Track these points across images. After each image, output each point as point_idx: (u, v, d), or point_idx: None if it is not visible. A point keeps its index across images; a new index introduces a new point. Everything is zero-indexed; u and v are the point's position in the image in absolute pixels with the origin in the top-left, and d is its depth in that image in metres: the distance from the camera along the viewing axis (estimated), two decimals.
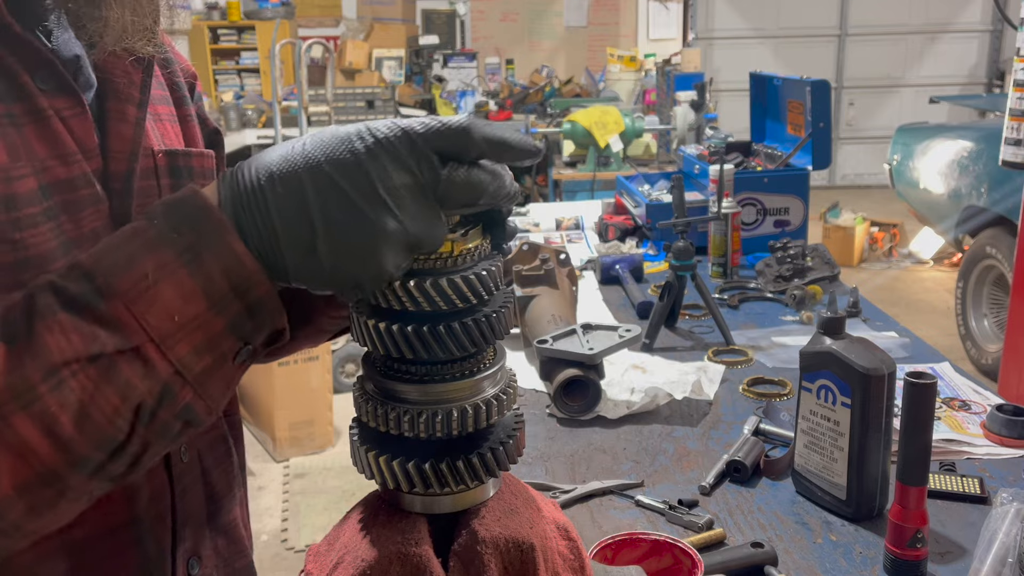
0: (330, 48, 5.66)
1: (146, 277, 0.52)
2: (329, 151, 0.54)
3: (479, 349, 0.60)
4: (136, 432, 0.53)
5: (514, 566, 0.61)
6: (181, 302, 0.52)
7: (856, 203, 7.59)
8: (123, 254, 0.53)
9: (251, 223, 0.54)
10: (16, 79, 0.65)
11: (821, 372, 1.23)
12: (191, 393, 0.54)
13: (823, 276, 2.35)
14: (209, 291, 0.53)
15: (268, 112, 6.87)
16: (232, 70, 8.46)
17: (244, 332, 0.55)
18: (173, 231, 0.53)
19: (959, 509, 1.24)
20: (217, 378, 0.56)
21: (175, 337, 0.53)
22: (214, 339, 0.54)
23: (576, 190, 4.66)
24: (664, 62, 6.12)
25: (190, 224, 0.53)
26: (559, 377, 1.57)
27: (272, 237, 0.54)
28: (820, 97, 2.64)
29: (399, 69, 8.07)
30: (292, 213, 0.53)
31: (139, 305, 0.52)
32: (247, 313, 0.55)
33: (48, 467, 0.52)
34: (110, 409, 0.52)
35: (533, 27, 9.33)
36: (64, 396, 0.51)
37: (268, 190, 0.53)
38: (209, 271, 0.53)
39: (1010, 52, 6.23)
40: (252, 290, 0.54)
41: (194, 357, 0.53)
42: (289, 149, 0.55)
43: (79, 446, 0.52)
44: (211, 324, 0.54)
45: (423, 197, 0.54)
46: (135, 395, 0.52)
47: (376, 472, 0.61)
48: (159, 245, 0.53)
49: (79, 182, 0.68)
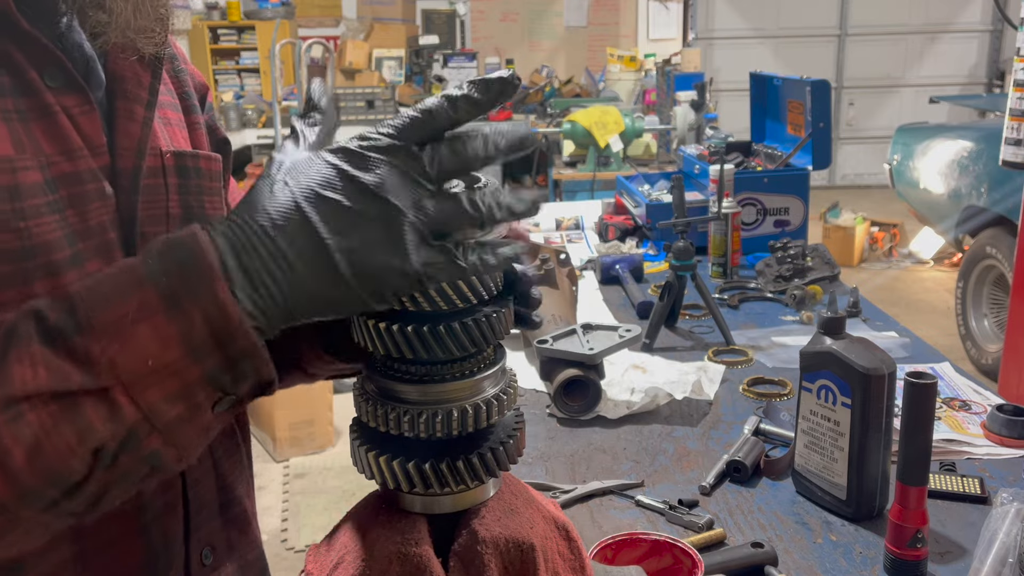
0: (330, 48, 5.66)
1: (126, 316, 0.51)
2: (312, 175, 0.53)
3: (479, 349, 0.60)
4: (94, 474, 0.52)
5: (514, 566, 0.61)
6: (157, 346, 0.51)
7: (856, 203, 7.59)
8: (110, 288, 0.52)
9: (260, 264, 0.52)
10: (24, 75, 0.65)
11: (821, 372, 1.23)
12: (159, 440, 0.52)
13: (823, 276, 2.35)
14: (188, 338, 0.51)
15: (268, 112, 6.87)
16: (232, 70, 8.46)
17: (223, 383, 0.53)
18: (162, 273, 0.52)
19: (959, 509, 1.24)
20: (190, 427, 0.53)
21: (146, 382, 0.51)
22: (189, 388, 0.52)
23: (576, 190, 4.66)
24: (664, 62, 6.12)
25: (179, 267, 0.52)
26: (559, 377, 1.57)
27: (288, 272, 0.52)
28: (820, 97, 2.64)
29: (399, 69, 8.07)
30: (304, 242, 0.52)
31: (114, 345, 0.51)
32: (228, 364, 0.52)
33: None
34: (65, 448, 0.50)
35: (533, 27, 9.33)
36: (19, 430, 0.50)
37: (270, 228, 0.52)
38: (190, 317, 0.51)
39: (1010, 52, 6.23)
40: (234, 341, 0.52)
41: (165, 404, 0.52)
42: (272, 190, 0.54)
43: (29, 481, 0.51)
44: (187, 372, 0.52)
45: (420, 183, 0.53)
46: (95, 437, 0.51)
47: (376, 472, 0.61)
48: (145, 284, 0.52)
49: (85, 177, 0.68)
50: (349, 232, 0.52)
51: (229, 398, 0.54)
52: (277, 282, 0.53)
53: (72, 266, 0.67)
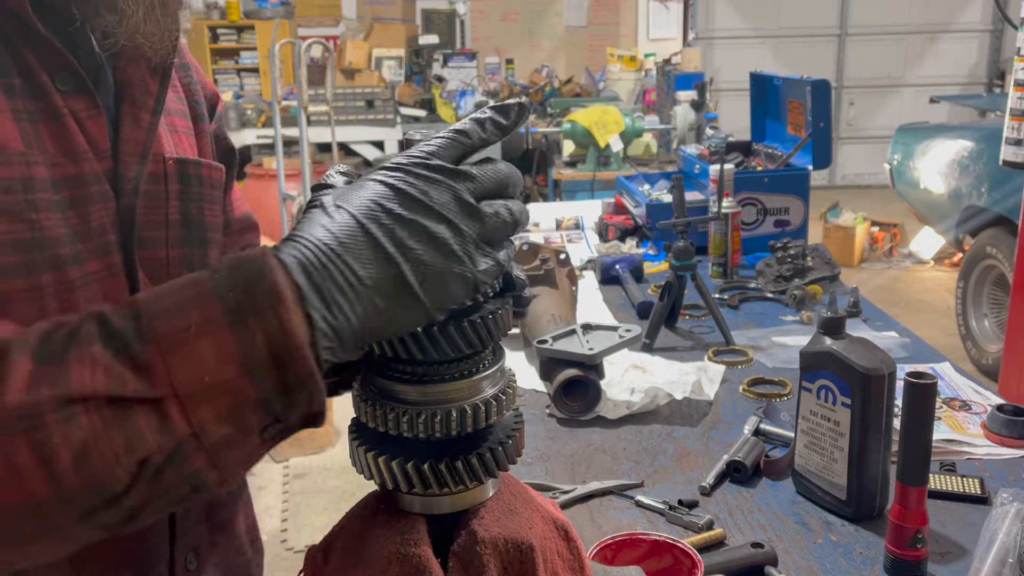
0: (330, 48, 5.66)
1: (188, 329, 0.50)
2: (367, 195, 0.54)
3: (478, 350, 0.60)
4: (137, 486, 0.51)
5: (513, 566, 0.61)
6: (216, 362, 0.50)
7: (856, 203, 7.60)
8: (176, 301, 0.52)
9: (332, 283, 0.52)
10: (36, 78, 0.67)
11: (821, 372, 1.23)
12: (204, 459, 0.51)
13: (823, 276, 2.35)
14: (247, 357, 0.50)
15: (268, 112, 6.87)
16: (231, 70, 8.46)
17: (275, 408, 0.52)
18: (229, 288, 0.51)
19: (959, 509, 1.24)
20: (236, 450, 0.52)
21: (200, 397, 0.50)
22: (241, 409, 0.51)
23: (576, 190, 4.66)
24: (664, 62, 6.12)
25: (245, 284, 0.51)
26: (559, 377, 1.57)
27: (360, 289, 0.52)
28: (820, 97, 2.64)
29: (399, 69, 8.07)
30: (371, 258, 0.53)
31: (174, 356, 0.50)
32: (283, 389, 0.51)
33: (35, 499, 0.50)
34: (112, 455, 0.50)
35: (533, 27, 9.33)
36: (70, 431, 0.49)
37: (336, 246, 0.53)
38: (252, 335, 0.50)
39: (1010, 52, 6.23)
40: (292, 365, 0.51)
41: (215, 423, 0.51)
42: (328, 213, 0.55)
43: (72, 485, 0.50)
44: (241, 392, 0.51)
45: (467, 201, 0.56)
46: (143, 447, 0.50)
47: (375, 472, 0.61)
48: (211, 299, 0.51)
49: (89, 179, 0.70)
50: (413, 246, 0.53)
51: (278, 425, 0.53)
52: (349, 301, 0.52)
53: (74, 263, 0.68)
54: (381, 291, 0.53)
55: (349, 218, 0.53)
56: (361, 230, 0.53)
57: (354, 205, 0.54)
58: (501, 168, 0.58)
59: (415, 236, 0.53)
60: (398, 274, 0.53)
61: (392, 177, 0.55)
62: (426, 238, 0.53)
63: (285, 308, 0.51)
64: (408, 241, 0.53)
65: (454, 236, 0.54)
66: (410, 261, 0.53)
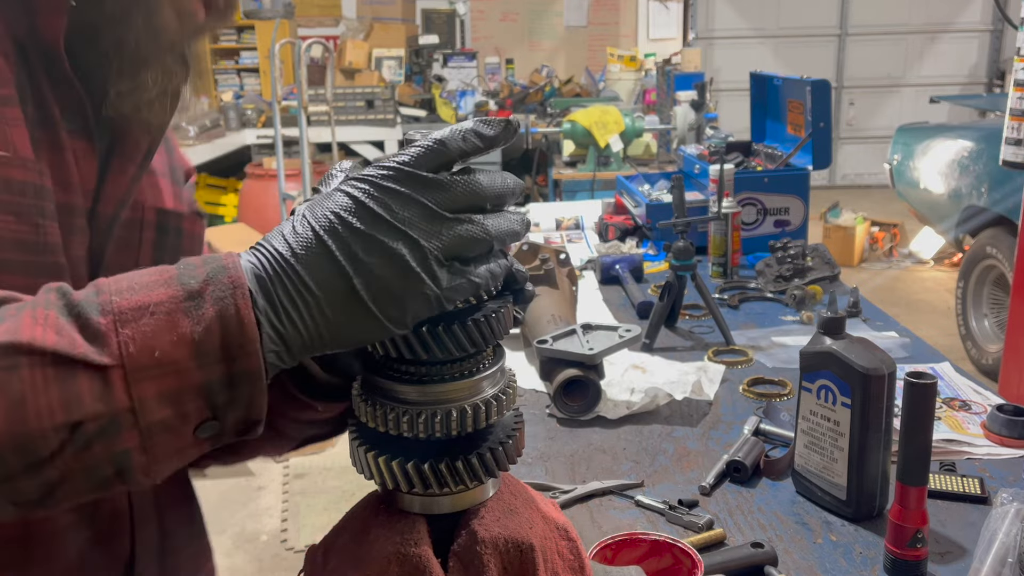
0: (330, 48, 5.66)
1: (147, 307, 0.52)
2: (330, 205, 0.55)
3: (479, 349, 0.60)
4: (63, 453, 0.50)
5: (513, 566, 0.61)
6: (169, 342, 0.51)
7: (856, 203, 7.59)
8: (139, 282, 0.53)
9: (283, 292, 0.53)
10: (48, 109, 0.72)
11: (821, 372, 1.23)
12: (135, 439, 0.51)
13: (823, 276, 2.35)
14: (200, 342, 0.52)
15: (268, 112, 6.87)
16: (231, 70, 8.46)
17: (216, 401, 0.53)
18: (191, 277, 0.53)
19: (959, 509, 1.24)
20: (169, 438, 0.53)
21: (145, 373, 0.51)
22: (183, 393, 0.52)
23: (576, 190, 4.66)
24: (664, 62, 6.12)
25: (208, 275, 0.53)
26: (559, 377, 1.57)
27: (310, 300, 0.53)
28: (820, 97, 2.64)
29: (399, 69, 8.06)
30: (324, 270, 0.53)
31: (127, 328, 0.51)
32: (227, 381, 0.53)
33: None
34: (47, 411, 0.50)
35: (533, 27, 9.33)
36: (9, 380, 0.49)
37: (290, 256, 0.54)
38: (208, 322, 0.52)
39: (1010, 52, 6.23)
40: (241, 359, 0.52)
41: (155, 403, 0.51)
42: (293, 223, 0.56)
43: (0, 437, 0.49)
44: (187, 375, 0.52)
45: (435, 210, 0.54)
46: (79, 410, 0.50)
47: (375, 472, 0.61)
48: (173, 284, 0.53)
49: (75, 211, 0.74)
50: (368, 260, 0.53)
51: (214, 424, 0.54)
52: (299, 310, 0.53)
53: (67, 275, 0.71)
54: (332, 303, 0.53)
55: (308, 229, 0.54)
56: (317, 242, 0.54)
57: (316, 216, 0.55)
58: (479, 179, 0.56)
59: (370, 251, 0.53)
60: (350, 288, 0.53)
61: (357, 189, 0.55)
62: (381, 253, 0.53)
63: (246, 303, 0.52)
64: (362, 255, 0.53)
65: (412, 252, 0.53)
66: (362, 275, 0.53)
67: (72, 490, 0.53)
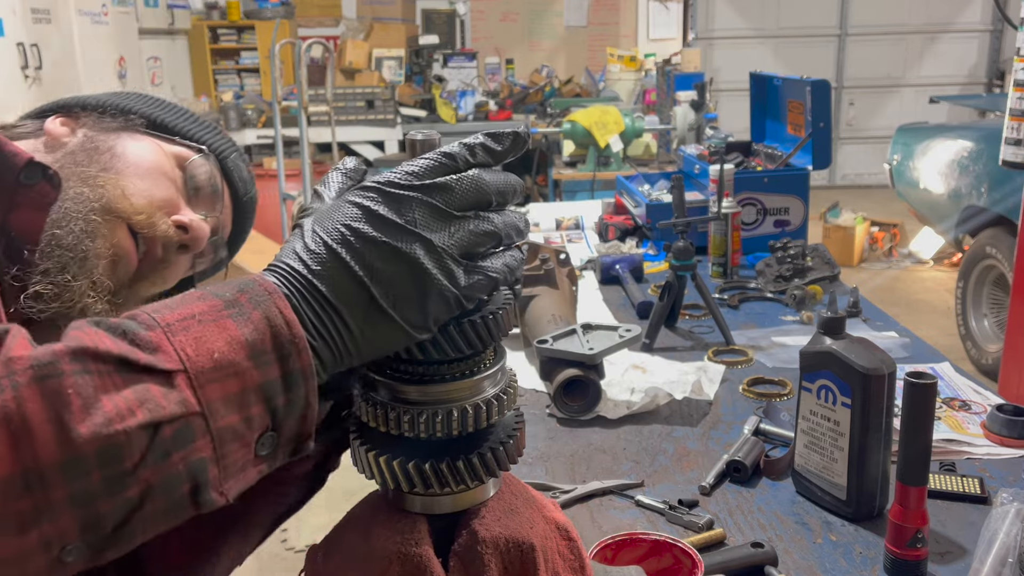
0: (330, 48, 5.66)
1: (193, 317, 0.51)
2: (340, 218, 0.55)
3: (479, 349, 0.60)
4: (144, 464, 0.47)
5: (514, 566, 0.61)
6: (224, 343, 0.50)
7: (856, 203, 7.59)
8: (172, 303, 0.52)
9: (309, 310, 0.54)
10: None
11: (821, 372, 1.23)
12: (209, 448, 0.49)
13: (823, 276, 2.35)
14: (252, 342, 0.51)
15: (268, 112, 6.87)
16: (232, 70, 8.45)
17: (275, 404, 0.52)
18: (224, 291, 0.53)
19: (959, 509, 1.24)
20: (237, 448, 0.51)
21: (209, 375, 0.49)
22: (246, 394, 0.51)
23: (576, 190, 4.66)
24: (664, 62, 6.12)
25: (242, 288, 0.53)
26: (559, 377, 1.57)
27: (334, 315, 0.54)
28: (820, 97, 2.64)
29: (399, 69, 8.06)
30: (344, 285, 0.54)
31: (180, 336, 0.50)
32: (283, 382, 0.52)
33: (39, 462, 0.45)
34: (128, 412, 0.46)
35: (533, 27, 9.32)
36: (84, 383, 0.46)
37: (309, 274, 0.54)
38: (257, 323, 0.51)
39: (1010, 52, 6.23)
40: (293, 357, 0.52)
41: (222, 406, 0.50)
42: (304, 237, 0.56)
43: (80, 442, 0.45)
44: (247, 375, 0.51)
45: (444, 210, 0.55)
46: (158, 412, 0.47)
47: (376, 472, 0.61)
48: (209, 298, 0.52)
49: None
50: (383, 267, 0.54)
51: (272, 436, 0.53)
52: (325, 325, 0.54)
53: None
54: (354, 315, 0.54)
55: (321, 244, 0.54)
56: (333, 257, 0.54)
57: (327, 230, 0.55)
58: (483, 176, 0.57)
59: (385, 258, 0.54)
60: (370, 298, 0.54)
61: (366, 198, 0.55)
62: (396, 259, 0.54)
63: (286, 305, 0.52)
64: (377, 264, 0.53)
65: (428, 254, 0.54)
66: (380, 284, 0.54)
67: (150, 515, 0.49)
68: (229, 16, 8.35)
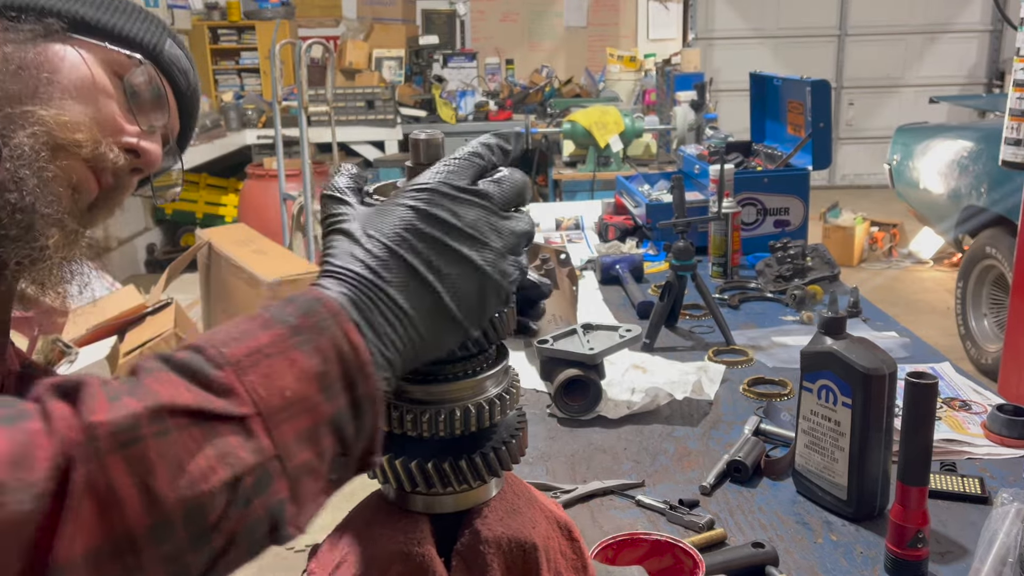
0: (330, 48, 5.65)
1: (260, 351, 0.50)
2: (395, 222, 0.55)
3: (481, 349, 0.60)
4: (228, 516, 0.47)
5: (517, 566, 0.61)
6: (294, 378, 0.50)
7: (856, 203, 7.59)
8: (236, 331, 0.51)
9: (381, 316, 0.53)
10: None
11: (822, 372, 1.23)
12: (286, 488, 0.49)
13: (823, 276, 2.35)
14: (322, 373, 0.50)
15: (268, 112, 6.86)
16: (232, 70, 8.45)
17: (345, 433, 0.52)
18: (290, 315, 0.52)
19: (960, 509, 1.24)
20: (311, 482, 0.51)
21: (281, 415, 0.49)
22: (318, 429, 0.50)
23: (576, 190, 4.66)
24: (664, 62, 6.12)
25: (306, 312, 0.52)
26: (559, 377, 1.57)
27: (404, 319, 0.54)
28: (820, 97, 2.64)
29: (399, 69, 8.06)
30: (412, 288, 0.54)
31: (250, 375, 0.49)
32: (353, 407, 0.52)
33: (128, 529, 0.44)
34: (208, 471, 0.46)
35: (533, 27, 9.32)
36: (165, 446, 0.45)
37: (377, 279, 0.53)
38: (324, 352, 0.51)
39: (1010, 52, 6.23)
40: (360, 383, 0.52)
41: (296, 445, 0.49)
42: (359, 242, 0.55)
43: (168, 506, 0.45)
44: (319, 409, 0.50)
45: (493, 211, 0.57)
46: (237, 464, 0.47)
47: (379, 471, 0.61)
48: (274, 326, 0.51)
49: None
50: (448, 270, 0.55)
51: (342, 460, 0.53)
52: (396, 332, 0.54)
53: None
54: (424, 319, 0.54)
55: (383, 248, 0.54)
56: (398, 260, 0.54)
57: (386, 233, 0.55)
58: (517, 179, 0.60)
59: (449, 261, 0.55)
60: (437, 300, 0.54)
61: (420, 200, 0.56)
62: (459, 261, 0.55)
63: (350, 326, 0.52)
64: (444, 268, 0.55)
65: (485, 255, 0.56)
66: (447, 287, 0.55)
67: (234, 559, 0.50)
68: (229, 16, 8.35)
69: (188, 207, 7.02)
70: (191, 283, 4.38)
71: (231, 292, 3.67)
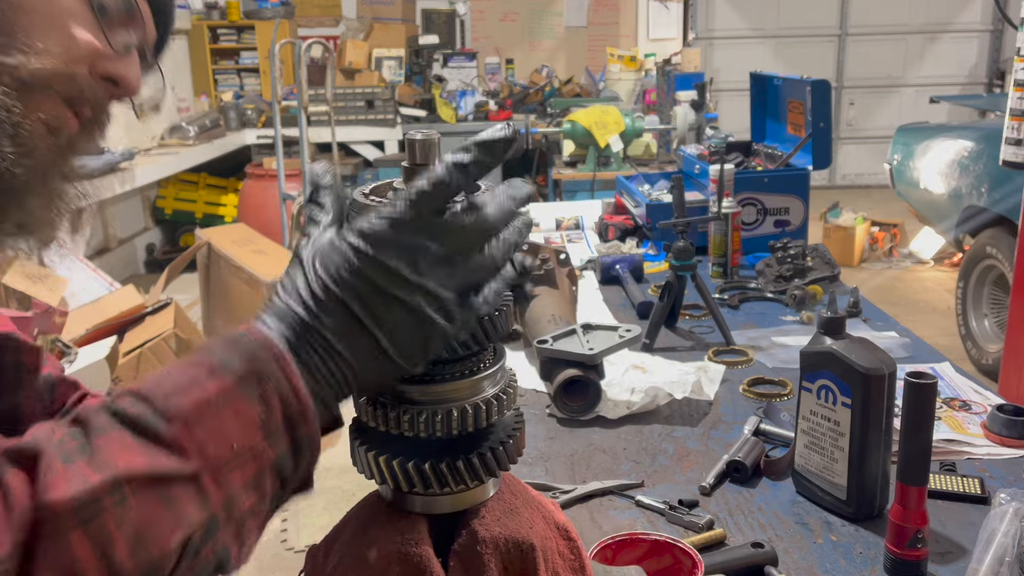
0: (330, 48, 5.66)
1: (207, 402, 0.51)
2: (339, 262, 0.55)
3: (479, 348, 0.60)
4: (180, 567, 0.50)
5: (514, 566, 0.61)
6: (239, 430, 0.52)
7: (856, 203, 7.59)
8: (184, 379, 0.52)
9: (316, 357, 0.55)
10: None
11: (821, 372, 1.23)
12: (231, 533, 0.52)
13: (823, 276, 2.35)
14: (266, 421, 0.52)
15: (268, 112, 6.87)
16: (232, 70, 8.44)
17: (286, 471, 0.54)
18: (231, 361, 0.53)
19: (959, 509, 1.24)
20: (255, 522, 0.54)
21: (230, 466, 0.51)
22: (262, 474, 0.53)
23: (576, 190, 4.66)
24: (664, 62, 6.11)
25: (250, 356, 0.53)
26: (559, 377, 1.57)
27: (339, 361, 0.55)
28: (820, 97, 2.64)
29: (399, 69, 8.06)
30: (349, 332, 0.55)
31: (198, 431, 0.50)
32: (293, 449, 0.54)
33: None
34: (163, 537, 0.48)
35: (533, 27, 9.32)
36: (124, 515, 0.47)
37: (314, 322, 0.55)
38: (268, 400, 0.52)
39: (1010, 52, 6.22)
40: (300, 425, 0.54)
41: (243, 493, 0.52)
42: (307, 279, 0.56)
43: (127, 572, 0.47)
44: (263, 456, 0.52)
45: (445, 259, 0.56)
46: (189, 525, 0.49)
47: (376, 472, 0.61)
48: (219, 373, 0.52)
49: None
50: (390, 318, 0.55)
51: (280, 494, 0.55)
52: (331, 371, 0.55)
53: None
54: (360, 361, 0.55)
55: (324, 290, 0.55)
56: (338, 304, 0.54)
57: (331, 274, 0.55)
58: (487, 216, 0.56)
59: (391, 308, 0.54)
60: (375, 344, 0.55)
61: (363, 241, 0.55)
62: (401, 308, 0.55)
63: (291, 369, 0.53)
64: (385, 315, 0.54)
65: (431, 303, 0.55)
66: (387, 334, 0.55)
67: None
68: (229, 16, 8.35)
69: (188, 207, 7.02)
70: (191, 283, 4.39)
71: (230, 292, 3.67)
